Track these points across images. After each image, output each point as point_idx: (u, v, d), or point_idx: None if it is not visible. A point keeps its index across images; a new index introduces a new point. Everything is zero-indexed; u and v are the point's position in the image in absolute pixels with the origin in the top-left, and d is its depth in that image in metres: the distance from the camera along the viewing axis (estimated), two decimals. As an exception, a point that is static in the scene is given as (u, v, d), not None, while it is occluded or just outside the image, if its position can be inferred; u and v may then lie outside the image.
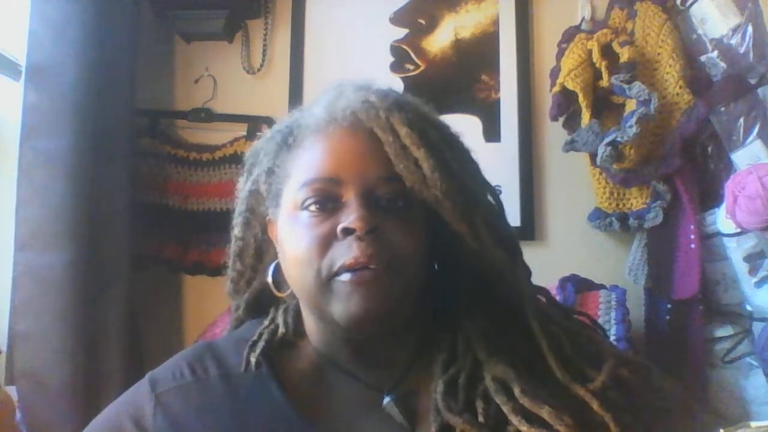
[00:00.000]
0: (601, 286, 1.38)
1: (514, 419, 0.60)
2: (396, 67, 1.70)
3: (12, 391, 1.22)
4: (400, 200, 0.64)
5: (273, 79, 1.72)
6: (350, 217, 0.61)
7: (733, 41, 1.34)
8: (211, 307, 1.52)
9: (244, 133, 1.66)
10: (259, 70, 1.71)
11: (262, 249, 0.74)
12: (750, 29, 1.31)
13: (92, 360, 1.26)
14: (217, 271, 1.58)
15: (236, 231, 0.75)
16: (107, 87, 1.36)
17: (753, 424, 0.58)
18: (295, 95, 1.69)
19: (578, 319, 0.77)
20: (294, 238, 0.64)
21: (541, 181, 1.63)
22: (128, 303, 1.37)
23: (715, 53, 1.38)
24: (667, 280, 1.41)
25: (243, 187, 0.75)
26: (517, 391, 0.61)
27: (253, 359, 0.68)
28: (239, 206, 0.75)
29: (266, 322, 0.73)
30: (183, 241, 1.60)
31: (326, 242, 0.62)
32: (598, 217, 1.53)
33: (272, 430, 0.65)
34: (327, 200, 0.63)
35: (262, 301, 0.76)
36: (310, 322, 0.70)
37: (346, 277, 0.60)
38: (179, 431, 0.65)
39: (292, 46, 1.72)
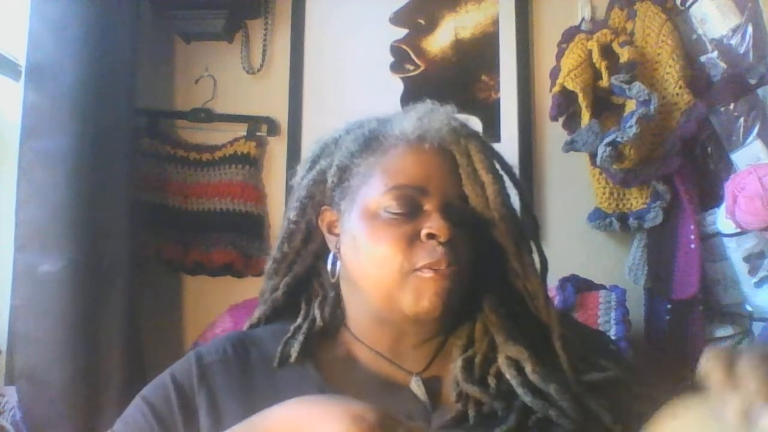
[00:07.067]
0: (601, 286, 1.38)
1: (521, 391, 0.67)
2: (396, 67, 1.70)
3: (12, 391, 1.22)
4: (467, 216, 0.73)
5: (273, 79, 1.72)
6: (435, 224, 0.69)
7: (733, 41, 1.34)
8: (211, 307, 1.51)
9: (244, 133, 1.66)
10: (259, 70, 1.71)
11: (311, 235, 0.80)
12: (750, 29, 1.31)
13: (92, 360, 1.26)
14: (217, 271, 1.61)
15: (291, 215, 0.80)
16: (107, 87, 1.36)
17: None
18: (295, 95, 1.69)
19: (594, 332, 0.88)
20: (373, 234, 0.72)
21: (541, 181, 1.63)
22: (128, 303, 1.37)
23: (715, 53, 1.39)
24: (667, 280, 1.41)
25: (305, 174, 0.81)
26: (528, 369, 0.69)
27: (294, 353, 0.73)
28: (299, 192, 0.80)
29: (300, 318, 0.78)
30: (183, 241, 1.60)
31: (408, 241, 0.70)
32: (598, 217, 1.53)
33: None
34: (410, 205, 0.71)
35: (299, 287, 0.82)
36: (355, 312, 0.77)
37: (427, 273, 0.69)
38: (216, 402, 0.70)
39: (292, 46, 1.72)
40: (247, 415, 0.66)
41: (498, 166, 0.77)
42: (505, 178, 0.80)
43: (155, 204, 1.61)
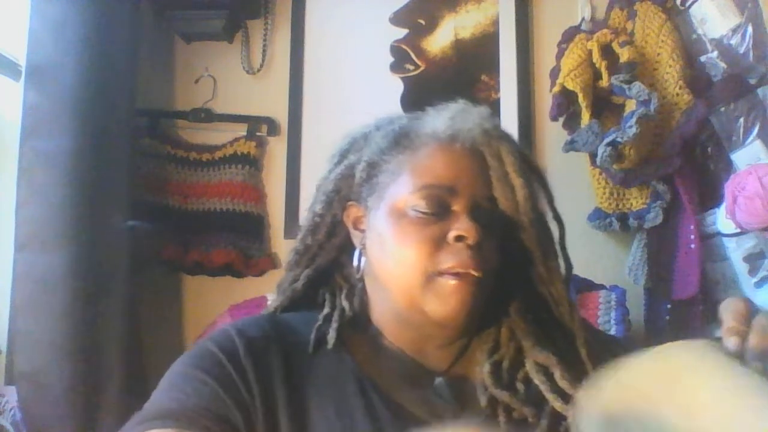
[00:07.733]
0: (601, 286, 1.38)
1: (551, 397, 0.68)
2: (396, 67, 1.70)
3: (12, 391, 1.22)
4: (496, 219, 0.72)
5: (273, 79, 1.72)
6: (463, 226, 0.69)
7: (733, 41, 1.34)
8: (211, 307, 1.52)
9: (244, 133, 1.66)
10: (259, 70, 1.71)
11: (335, 229, 0.79)
12: (750, 29, 1.32)
13: (92, 360, 1.26)
14: (217, 271, 1.61)
15: (317, 208, 0.79)
16: (107, 87, 1.36)
17: None
18: (295, 95, 1.69)
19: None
20: (399, 233, 0.71)
21: (541, 181, 1.63)
22: (128, 303, 1.37)
23: (715, 53, 1.39)
24: (667, 280, 1.41)
25: (333, 168, 0.80)
26: (557, 375, 0.69)
27: (330, 339, 0.72)
28: (326, 186, 0.79)
29: (327, 308, 0.77)
30: (183, 241, 1.60)
31: (435, 243, 0.69)
32: (598, 217, 1.53)
33: (343, 382, 0.70)
34: (439, 206, 0.71)
35: (320, 279, 0.82)
36: (380, 308, 0.76)
37: (449, 278, 0.68)
38: (261, 374, 0.68)
39: (292, 46, 1.72)
40: (292, 398, 0.66)
41: (530, 171, 0.77)
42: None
43: (155, 204, 1.61)
